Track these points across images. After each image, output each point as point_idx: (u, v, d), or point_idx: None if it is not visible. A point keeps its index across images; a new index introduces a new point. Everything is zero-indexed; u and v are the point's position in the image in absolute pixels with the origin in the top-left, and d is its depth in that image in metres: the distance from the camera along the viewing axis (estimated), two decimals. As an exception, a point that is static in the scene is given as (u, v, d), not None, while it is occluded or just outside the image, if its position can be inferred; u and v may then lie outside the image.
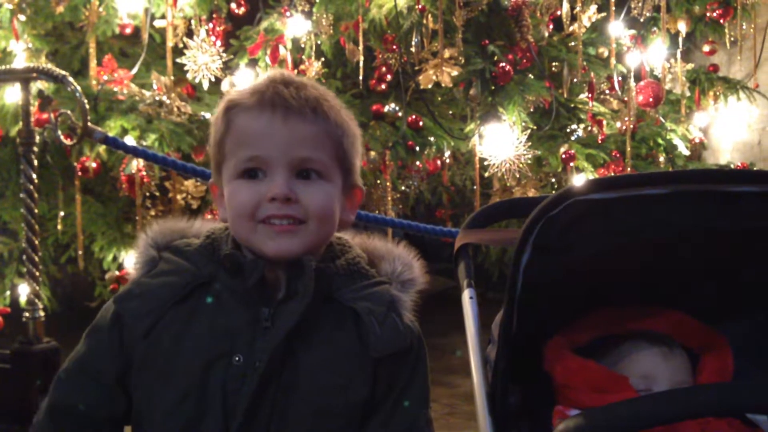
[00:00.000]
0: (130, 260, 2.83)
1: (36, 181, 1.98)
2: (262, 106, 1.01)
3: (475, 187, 3.09)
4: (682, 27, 3.78)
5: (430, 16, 2.86)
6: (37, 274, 2.02)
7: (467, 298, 1.10)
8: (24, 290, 2.32)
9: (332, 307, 1.01)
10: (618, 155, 3.19)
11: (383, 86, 3.00)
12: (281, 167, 1.00)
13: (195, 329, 1.00)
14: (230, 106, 1.04)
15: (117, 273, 2.76)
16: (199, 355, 0.99)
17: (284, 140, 1.00)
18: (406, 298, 1.05)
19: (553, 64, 3.25)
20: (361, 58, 2.86)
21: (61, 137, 1.97)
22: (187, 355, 0.99)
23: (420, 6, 2.80)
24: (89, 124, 1.88)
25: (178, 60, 2.65)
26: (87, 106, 1.92)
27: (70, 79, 1.96)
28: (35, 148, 1.96)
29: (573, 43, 3.30)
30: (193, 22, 2.81)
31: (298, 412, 0.98)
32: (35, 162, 1.96)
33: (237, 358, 0.98)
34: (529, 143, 2.86)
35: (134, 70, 2.65)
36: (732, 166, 4.12)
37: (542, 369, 1.06)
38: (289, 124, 1.00)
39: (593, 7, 3.42)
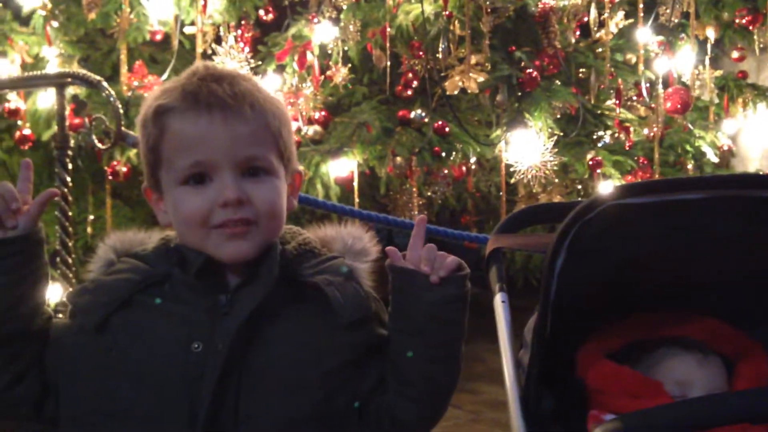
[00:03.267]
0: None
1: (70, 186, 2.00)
2: (198, 109, 0.98)
3: (501, 194, 3.08)
4: (711, 33, 3.75)
5: (456, 22, 2.87)
6: (71, 275, 2.05)
7: (499, 302, 1.10)
8: (56, 292, 2.35)
9: (290, 286, 1.01)
10: (645, 162, 3.17)
11: (409, 92, 3.00)
12: (228, 169, 0.98)
13: (150, 323, 0.99)
14: (161, 110, 1.00)
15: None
16: (155, 346, 0.97)
17: (227, 142, 0.98)
18: (361, 266, 1.04)
19: (580, 70, 3.24)
20: (388, 64, 2.86)
21: (95, 141, 1.99)
22: (142, 348, 0.98)
23: (447, 12, 2.81)
24: (122, 128, 1.90)
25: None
26: (121, 111, 1.94)
27: (105, 84, 1.99)
28: (69, 152, 1.99)
29: (600, 50, 3.29)
30: (221, 28, 2.84)
31: (269, 391, 0.97)
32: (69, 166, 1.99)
33: (196, 345, 0.96)
34: (556, 150, 2.85)
35: (164, 77, 2.68)
36: (761, 173, 4.07)
37: (575, 374, 1.06)
38: (229, 124, 0.98)
39: (620, 14, 3.41)
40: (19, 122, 2.60)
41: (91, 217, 2.83)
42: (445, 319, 0.98)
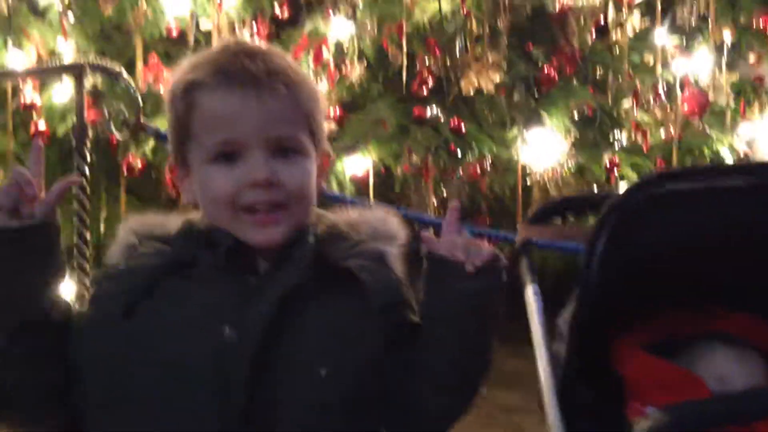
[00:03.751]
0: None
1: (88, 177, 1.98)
2: (230, 86, 0.95)
3: (515, 196, 3.06)
4: (728, 37, 3.72)
5: (473, 19, 2.85)
6: (88, 268, 2.03)
7: (531, 294, 1.08)
8: (71, 286, 2.33)
9: (320, 271, 0.98)
10: (663, 165, 3.14)
11: (425, 90, 2.98)
12: (258, 149, 0.95)
13: (178, 308, 0.96)
14: (191, 85, 0.97)
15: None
16: (184, 331, 0.94)
17: (259, 120, 0.95)
18: (392, 250, 1.02)
19: (598, 71, 3.21)
20: (404, 62, 2.84)
21: (114, 131, 1.98)
22: (170, 334, 0.94)
23: (465, 11, 2.79)
24: (141, 119, 1.89)
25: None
26: (141, 102, 1.93)
27: (125, 74, 1.97)
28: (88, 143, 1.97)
29: (617, 50, 3.26)
30: (236, 24, 2.82)
31: (300, 377, 0.94)
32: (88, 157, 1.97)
33: (226, 330, 0.93)
34: (572, 151, 2.82)
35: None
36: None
37: (611, 366, 1.03)
38: (262, 102, 0.95)
39: (638, 14, 3.38)
40: (35, 116, 2.58)
41: (104, 214, 2.81)
42: (479, 310, 0.96)
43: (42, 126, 2.60)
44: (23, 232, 0.95)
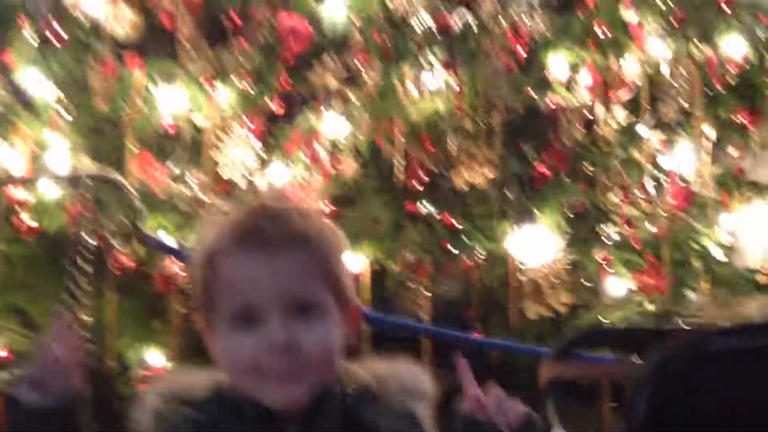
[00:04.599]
0: (155, 358, 2.77)
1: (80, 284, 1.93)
2: (249, 251, 0.96)
3: (506, 289, 3.05)
4: (709, 131, 3.80)
5: (467, 118, 2.88)
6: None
7: (560, 439, 1.04)
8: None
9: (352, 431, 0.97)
10: (653, 260, 3.15)
11: (418, 186, 2.99)
12: (276, 312, 0.95)
13: None
14: (213, 253, 0.99)
15: (143, 371, 2.68)
16: None
17: (276, 284, 0.95)
18: (422, 409, 1.00)
19: (587, 166, 3.25)
20: (398, 158, 2.86)
21: (113, 243, 1.94)
22: None
23: (459, 111, 2.83)
24: (144, 230, 1.85)
25: (214, 157, 2.67)
26: (144, 213, 1.90)
27: (126, 184, 1.94)
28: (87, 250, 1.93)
29: (605, 146, 3.31)
30: (230, 120, 2.83)
31: None
32: (81, 264, 1.92)
33: None
34: (565, 247, 2.83)
35: (173, 168, 2.65)
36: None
37: None
38: (278, 266, 0.95)
39: (623, 111, 3.45)
40: (23, 214, 2.54)
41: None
42: None
43: (30, 222, 2.56)
44: (49, 413, 0.95)
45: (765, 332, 0.87)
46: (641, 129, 3.33)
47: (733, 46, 3.42)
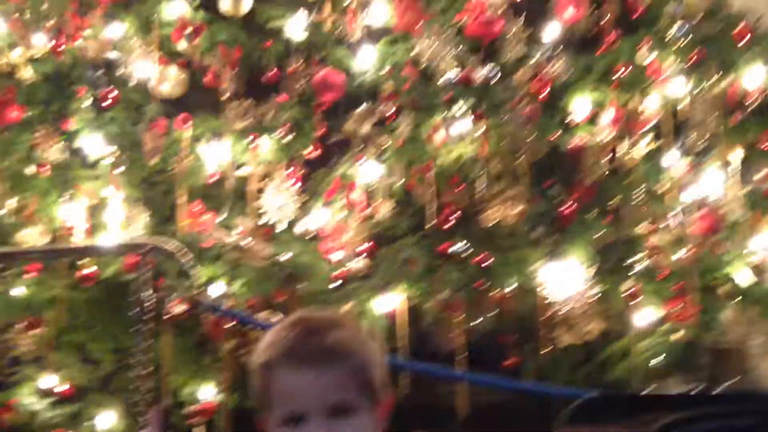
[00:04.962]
0: (207, 392, 2.94)
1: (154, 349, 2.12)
2: (293, 365, 1.15)
3: (537, 318, 3.15)
4: (736, 156, 3.86)
5: (494, 160, 3.02)
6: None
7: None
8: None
9: None
10: (682, 288, 3.23)
11: (450, 226, 3.12)
12: (317, 416, 1.14)
13: None
14: (266, 364, 1.18)
15: (197, 407, 2.85)
16: None
17: (317, 392, 1.14)
18: None
19: (612, 200, 3.35)
20: (430, 200, 3.01)
21: (169, 309, 2.12)
22: None
23: (485, 154, 2.97)
24: (197, 296, 2.03)
25: (257, 204, 2.87)
26: (199, 280, 2.08)
27: (182, 256, 2.13)
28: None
29: (629, 178, 3.40)
30: (271, 168, 3.01)
31: None
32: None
33: None
34: (593, 280, 2.93)
35: (220, 216, 2.84)
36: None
37: None
38: (319, 376, 1.14)
39: (645, 141, 3.53)
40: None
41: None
42: None
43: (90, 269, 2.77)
44: None
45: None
46: (665, 159, 3.41)
47: (753, 75, 3.50)
